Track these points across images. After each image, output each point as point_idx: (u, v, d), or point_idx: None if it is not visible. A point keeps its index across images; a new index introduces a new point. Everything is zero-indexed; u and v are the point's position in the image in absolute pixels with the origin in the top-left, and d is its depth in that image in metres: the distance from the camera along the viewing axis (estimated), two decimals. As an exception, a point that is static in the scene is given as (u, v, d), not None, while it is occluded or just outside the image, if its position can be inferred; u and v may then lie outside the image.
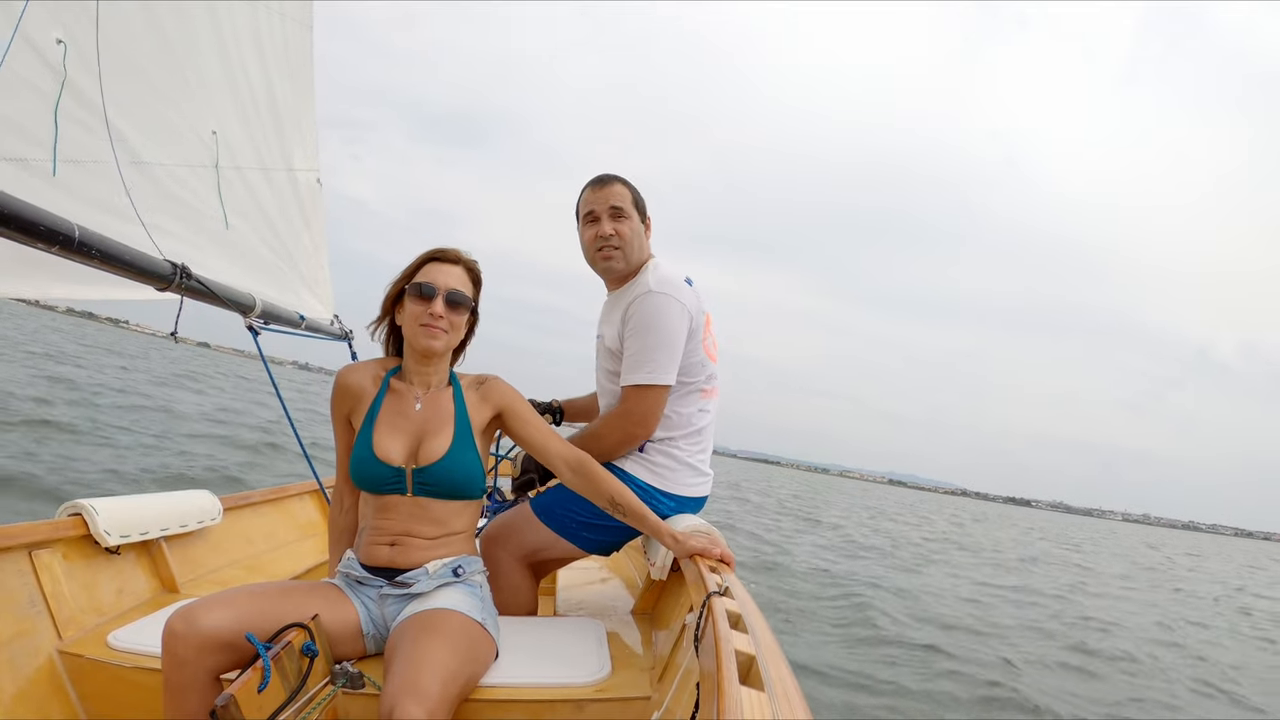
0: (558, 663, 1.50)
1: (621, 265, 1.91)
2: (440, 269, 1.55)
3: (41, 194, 1.74)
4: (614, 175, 1.93)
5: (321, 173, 3.58)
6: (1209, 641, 7.82)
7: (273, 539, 2.52)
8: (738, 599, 1.24)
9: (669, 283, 1.84)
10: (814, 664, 4.54)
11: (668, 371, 1.81)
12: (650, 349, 1.79)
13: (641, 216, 1.94)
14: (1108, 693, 5.01)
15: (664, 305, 1.80)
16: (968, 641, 5.79)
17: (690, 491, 1.91)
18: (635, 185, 1.94)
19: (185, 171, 2.47)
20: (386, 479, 1.49)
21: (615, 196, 1.89)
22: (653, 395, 1.82)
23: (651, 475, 1.87)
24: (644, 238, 1.95)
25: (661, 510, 1.83)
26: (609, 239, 1.88)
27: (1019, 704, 4.36)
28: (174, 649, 1.20)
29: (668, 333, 1.80)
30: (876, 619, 6.05)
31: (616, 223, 1.88)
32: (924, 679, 4.61)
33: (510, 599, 1.86)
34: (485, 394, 1.61)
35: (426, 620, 1.36)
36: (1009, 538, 22.91)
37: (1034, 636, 6.58)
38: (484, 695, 1.35)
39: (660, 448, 1.89)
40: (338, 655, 1.41)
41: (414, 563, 1.49)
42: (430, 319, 1.50)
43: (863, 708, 3.99)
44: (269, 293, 2.92)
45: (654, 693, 1.41)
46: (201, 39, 2.55)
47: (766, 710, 0.78)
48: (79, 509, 1.75)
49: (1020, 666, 5.24)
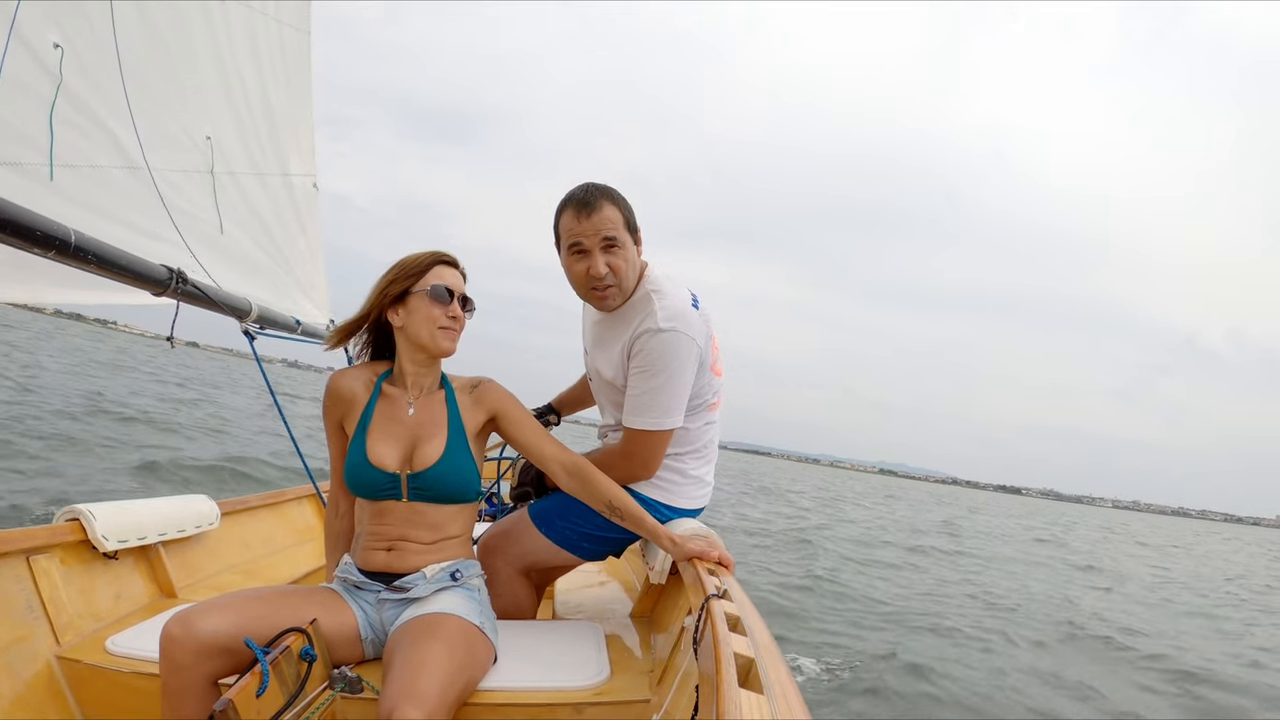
0: (556, 666, 1.50)
1: (617, 302, 1.75)
2: (450, 272, 1.57)
3: (38, 198, 1.74)
4: (599, 192, 1.68)
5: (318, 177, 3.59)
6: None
7: (270, 543, 2.52)
8: (736, 602, 1.24)
9: (679, 317, 1.68)
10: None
11: (675, 414, 1.72)
12: (657, 392, 1.68)
13: (633, 235, 1.73)
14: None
15: (674, 345, 1.66)
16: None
17: (695, 505, 1.89)
18: (623, 196, 1.73)
19: (180, 177, 2.47)
20: (381, 485, 1.49)
21: (606, 225, 1.65)
22: (658, 439, 1.74)
23: (660, 492, 1.83)
24: (637, 256, 1.75)
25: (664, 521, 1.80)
26: (604, 278, 1.68)
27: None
28: (172, 654, 1.20)
29: (677, 375, 1.68)
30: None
31: (609, 256, 1.67)
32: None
33: (510, 607, 1.83)
34: (479, 397, 1.61)
35: (425, 624, 1.36)
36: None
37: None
38: (482, 699, 1.35)
39: (669, 464, 1.84)
40: (336, 660, 1.40)
41: (411, 567, 1.49)
42: (451, 322, 1.54)
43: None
44: (265, 297, 2.92)
45: (653, 696, 1.41)
46: (197, 44, 2.56)
47: (765, 712, 0.78)
48: (76, 514, 1.75)
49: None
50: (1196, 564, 17.52)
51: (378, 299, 1.55)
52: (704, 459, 1.91)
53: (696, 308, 1.75)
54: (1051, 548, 16.39)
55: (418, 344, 1.54)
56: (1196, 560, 18.95)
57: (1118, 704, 4.37)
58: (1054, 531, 23.35)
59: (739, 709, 0.78)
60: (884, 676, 4.21)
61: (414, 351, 1.56)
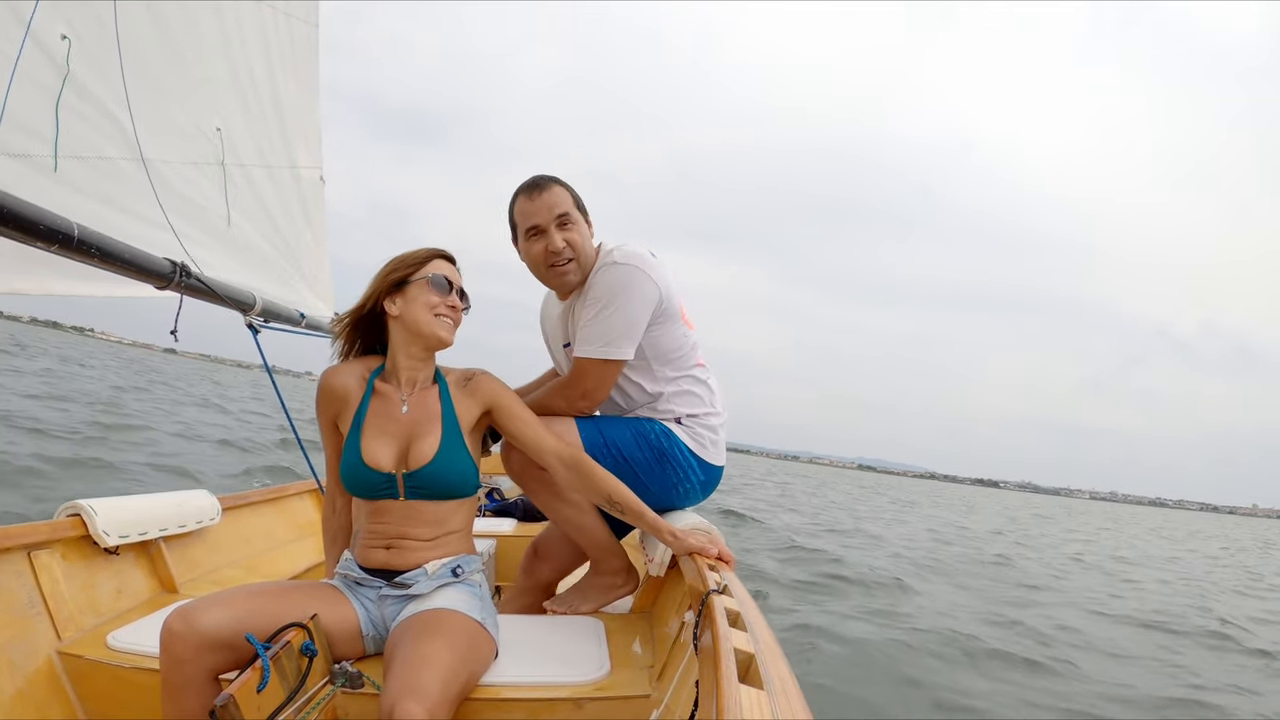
0: (557, 661, 1.49)
1: (576, 277, 1.81)
2: (448, 266, 1.59)
3: (44, 190, 1.73)
4: (548, 177, 1.78)
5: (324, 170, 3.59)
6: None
7: (271, 539, 2.52)
8: (737, 597, 1.24)
9: (636, 257, 1.75)
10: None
11: (625, 346, 1.74)
12: (607, 319, 1.71)
13: (584, 216, 1.82)
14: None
15: (629, 277, 1.71)
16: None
17: (720, 461, 1.94)
18: (569, 182, 1.80)
19: (190, 168, 2.47)
20: (378, 485, 1.48)
21: (558, 203, 1.74)
22: (604, 368, 1.76)
23: (698, 446, 1.87)
24: (590, 238, 1.84)
25: (693, 478, 1.87)
26: (561, 252, 1.75)
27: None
28: (173, 649, 1.20)
29: (629, 305, 1.71)
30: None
31: (565, 232, 1.75)
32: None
33: (529, 603, 1.98)
34: (473, 390, 1.60)
35: (427, 620, 1.35)
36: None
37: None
38: (484, 694, 1.35)
39: (703, 423, 1.89)
40: (337, 656, 1.40)
41: (412, 564, 1.48)
42: (449, 311, 1.54)
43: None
44: (270, 290, 2.92)
45: (653, 691, 1.40)
46: (206, 36, 2.56)
47: (765, 708, 0.78)
48: (77, 509, 1.75)
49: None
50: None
51: (376, 286, 1.55)
52: (723, 421, 1.95)
53: (655, 257, 1.80)
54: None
55: (415, 333, 1.53)
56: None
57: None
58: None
59: (739, 705, 0.77)
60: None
61: (409, 344, 1.55)
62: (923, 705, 3.70)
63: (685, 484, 1.87)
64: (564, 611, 1.89)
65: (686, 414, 1.88)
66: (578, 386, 1.80)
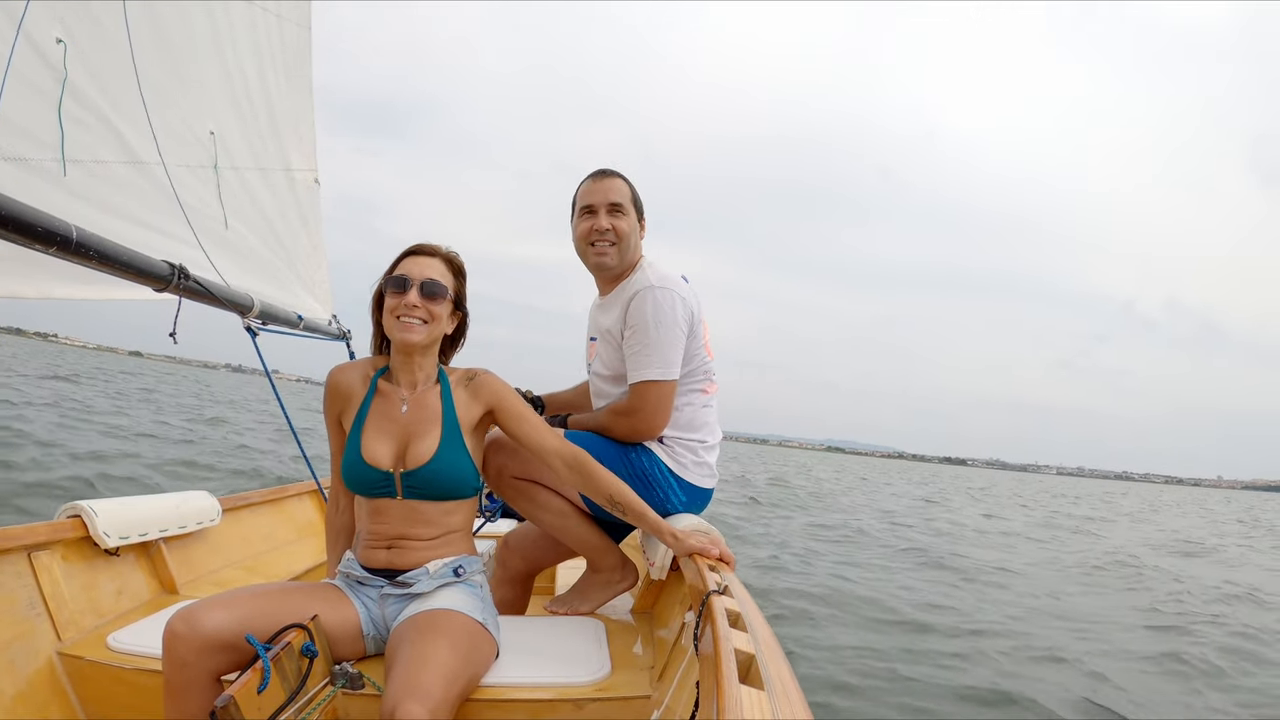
0: (558, 662, 1.50)
1: (613, 262, 1.89)
2: (417, 261, 1.54)
3: (45, 194, 1.74)
4: (615, 171, 1.93)
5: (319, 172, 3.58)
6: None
7: (271, 539, 2.52)
8: (737, 598, 1.24)
9: (670, 279, 1.85)
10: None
11: (674, 366, 1.81)
12: (657, 343, 1.78)
13: (639, 216, 1.94)
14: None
15: (668, 300, 1.80)
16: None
17: (702, 483, 1.93)
18: (635, 184, 1.93)
19: (184, 172, 2.47)
20: (376, 483, 1.48)
21: (615, 192, 1.88)
22: (662, 390, 1.81)
23: (678, 466, 1.88)
24: (639, 237, 1.94)
25: (675, 499, 1.85)
26: (604, 234, 1.87)
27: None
28: (175, 650, 1.20)
29: (671, 328, 1.79)
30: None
31: (613, 218, 1.87)
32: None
33: (505, 596, 1.94)
34: (475, 390, 1.59)
35: (428, 620, 1.36)
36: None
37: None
38: (485, 695, 1.36)
39: (685, 444, 1.89)
40: (338, 656, 1.41)
41: (413, 564, 1.49)
42: (405, 309, 1.49)
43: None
44: (268, 292, 2.92)
45: (654, 691, 1.41)
46: (199, 39, 2.55)
47: (766, 709, 0.78)
48: (78, 510, 1.75)
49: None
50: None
51: (375, 301, 1.58)
52: (709, 446, 1.94)
53: (686, 282, 1.91)
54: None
55: (390, 338, 1.54)
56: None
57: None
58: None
59: (739, 705, 0.78)
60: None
61: (394, 348, 1.56)
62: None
63: (668, 504, 1.85)
64: (564, 612, 1.89)
65: (669, 434, 1.88)
66: (641, 413, 1.82)
